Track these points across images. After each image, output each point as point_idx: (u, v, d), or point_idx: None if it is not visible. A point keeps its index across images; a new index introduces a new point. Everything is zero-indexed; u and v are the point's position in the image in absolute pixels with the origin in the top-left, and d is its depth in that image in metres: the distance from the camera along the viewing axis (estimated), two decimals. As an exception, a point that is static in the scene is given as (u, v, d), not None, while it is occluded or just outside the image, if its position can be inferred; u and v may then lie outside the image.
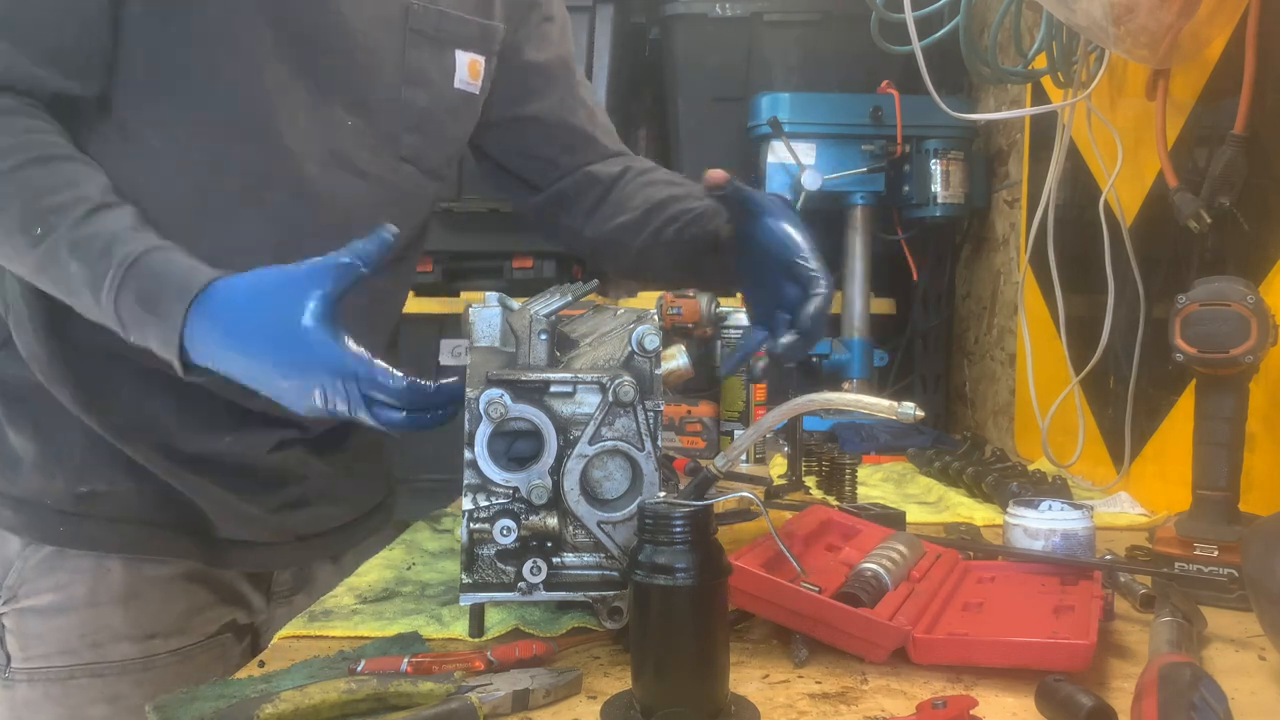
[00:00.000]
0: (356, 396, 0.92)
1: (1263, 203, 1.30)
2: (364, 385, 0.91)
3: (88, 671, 1.17)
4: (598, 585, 0.94)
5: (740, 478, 1.53)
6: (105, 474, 1.16)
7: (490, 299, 0.98)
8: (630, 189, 1.38)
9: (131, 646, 1.18)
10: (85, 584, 1.17)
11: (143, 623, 1.18)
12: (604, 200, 1.39)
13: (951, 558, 1.13)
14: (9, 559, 1.18)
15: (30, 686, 1.17)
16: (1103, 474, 1.70)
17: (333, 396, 0.92)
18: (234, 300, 0.96)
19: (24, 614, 1.17)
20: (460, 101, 1.29)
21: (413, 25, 1.22)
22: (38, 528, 1.17)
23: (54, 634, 1.17)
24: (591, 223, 1.40)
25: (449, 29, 1.25)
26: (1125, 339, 1.62)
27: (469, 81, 1.29)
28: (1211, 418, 1.11)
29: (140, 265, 0.97)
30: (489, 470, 0.91)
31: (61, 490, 1.16)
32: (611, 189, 1.39)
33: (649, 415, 0.94)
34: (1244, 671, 0.90)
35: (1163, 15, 1.31)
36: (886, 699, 0.83)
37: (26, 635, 1.17)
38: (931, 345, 2.60)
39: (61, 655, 1.16)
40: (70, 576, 1.17)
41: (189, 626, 1.22)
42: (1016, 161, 2.31)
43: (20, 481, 1.16)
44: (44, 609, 1.17)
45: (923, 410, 0.94)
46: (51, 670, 1.17)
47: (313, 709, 0.77)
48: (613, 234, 1.37)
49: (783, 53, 2.52)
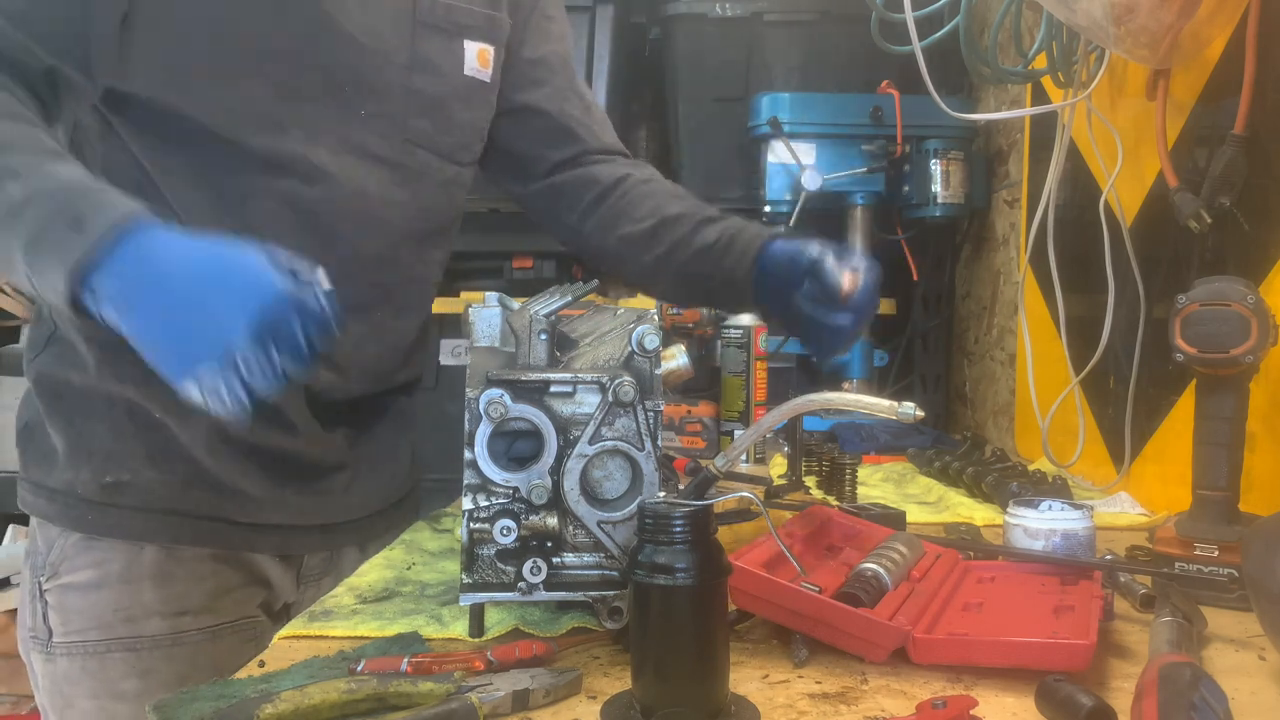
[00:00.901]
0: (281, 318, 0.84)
1: (1263, 203, 1.30)
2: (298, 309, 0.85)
3: (122, 646, 1.21)
4: (598, 585, 0.94)
5: (740, 478, 1.52)
6: (129, 464, 1.20)
7: (490, 299, 0.98)
8: (634, 196, 1.39)
9: (162, 622, 1.22)
10: (120, 561, 1.21)
11: (173, 600, 1.23)
12: (603, 202, 1.40)
13: (951, 558, 1.13)
14: (51, 538, 1.23)
15: (70, 660, 1.22)
16: (1103, 474, 1.70)
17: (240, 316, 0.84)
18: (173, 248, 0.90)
19: (65, 590, 1.22)
20: (471, 88, 1.33)
21: (421, 18, 1.27)
22: (69, 517, 1.22)
23: (91, 609, 1.21)
24: (591, 225, 1.41)
25: (457, 20, 1.30)
26: (1125, 339, 1.62)
27: (479, 69, 1.33)
28: (1211, 418, 1.11)
29: (57, 188, 0.93)
30: (489, 470, 0.91)
31: (89, 481, 1.20)
32: (612, 192, 1.40)
33: (649, 415, 0.94)
34: (1244, 671, 0.90)
35: (1163, 15, 1.31)
36: (886, 699, 0.83)
37: (67, 611, 1.22)
38: (931, 345, 2.60)
39: (98, 630, 1.21)
40: (106, 554, 1.21)
41: (218, 606, 1.26)
42: (1016, 161, 2.31)
43: (55, 473, 1.22)
44: (83, 585, 1.22)
45: (923, 410, 0.94)
46: (88, 644, 1.21)
47: (313, 709, 0.77)
48: (619, 245, 1.38)
49: (783, 53, 2.52)
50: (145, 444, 1.20)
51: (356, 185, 1.22)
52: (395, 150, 1.26)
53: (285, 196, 1.18)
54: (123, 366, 1.16)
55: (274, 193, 1.18)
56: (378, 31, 1.23)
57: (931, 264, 2.55)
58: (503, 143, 1.42)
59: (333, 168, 1.20)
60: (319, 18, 1.18)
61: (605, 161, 1.43)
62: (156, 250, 0.89)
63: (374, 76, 1.23)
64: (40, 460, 1.23)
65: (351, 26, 1.20)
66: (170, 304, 0.87)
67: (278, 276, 0.85)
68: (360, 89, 1.22)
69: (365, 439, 1.34)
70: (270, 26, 1.16)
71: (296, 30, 1.17)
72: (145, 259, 0.89)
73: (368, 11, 1.22)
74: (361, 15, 1.21)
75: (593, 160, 1.43)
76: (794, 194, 2.32)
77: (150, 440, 1.20)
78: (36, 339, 1.25)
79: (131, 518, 1.21)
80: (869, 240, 2.44)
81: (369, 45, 1.22)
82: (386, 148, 1.25)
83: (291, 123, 1.18)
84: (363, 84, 1.22)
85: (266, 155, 1.17)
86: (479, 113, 1.36)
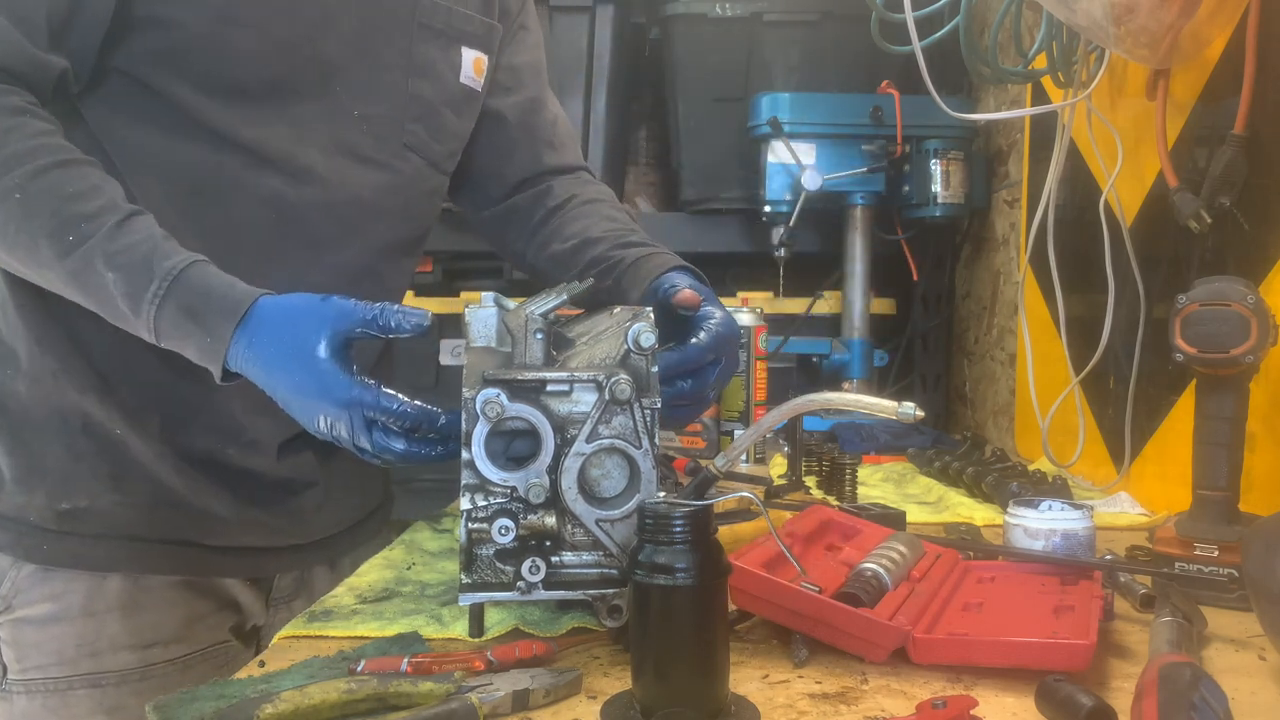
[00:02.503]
0: (359, 423, 0.95)
1: (1263, 203, 1.30)
2: (368, 410, 0.95)
3: (86, 682, 1.16)
4: (597, 583, 0.94)
5: (740, 478, 1.52)
6: (87, 488, 1.15)
7: (486, 299, 0.98)
8: (570, 216, 1.37)
9: (131, 655, 1.17)
10: (81, 593, 1.16)
11: (143, 631, 1.18)
12: (546, 223, 1.38)
13: (951, 558, 1.12)
14: (1, 569, 1.17)
15: (29, 698, 1.16)
16: (1103, 474, 1.70)
17: (334, 423, 0.96)
18: (267, 320, 1.00)
19: (19, 624, 1.16)
20: (464, 97, 1.31)
21: (421, 20, 1.24)
22: (21, 546, 1.15)
23: (50, 644, 1.16)
24: (532, 246, 1.39)
25: (457, 25, 1.28)
26: (1125, 339, 1.62)
27: (473, 77, 1.31)
28: (1211, 418, 1.11)
29: (184, 279, 1.00)
30: (486, 470, 0.91)
31: (43, 506, 1.14)
32: (555, 214, 1.38)
33: (646, 413, 0.93)
34: (1244, 671, 0.90)
35: (1163, 15, 1.31)
36: (886, 699, 0.83)
37: (23, 646, 1.16)
38: (931, 345, 2.60)
39: (58, 666, 1.16)
40: (65, 586, 1.16)
41: (189, 635, 1.21)
42: (1016, 161, 2.31)
43: (2, 498, 1.15)
44: (40, 619, 1.16)
45: (923, 410, 0.94)
46: (49, 681, 1.16)
47: (313, 709, 0.77)
48: (546, 263, 1.36)
49: (783, 53, 2.52)
50: (104, 463, 1.15)
51: (350, 191, 1.20)
52: (389, 154, 1.24)
53: (269, 198, 1.15)
54: (82, 374, 1.13)
55: (257, 193, 1.15)
56: (377, 32, 1.21)
57: (931, 264, 2.55)
58: (467, 157, 1.38)
59: (323, 169, 1.18)
60: (320, 13, 1.16)
61: (562, 178, 1.41)
62: (261, 333, 0.99)
63: (369, 77, 1.21)
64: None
65: (350, 24, 1.18)
66: (275, 384, 0.99)
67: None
68: (353, 89, 1.20)
69: (337, 454, 1.26)
70: (271, 13, 1.13)
71: (296, 22, 1.14)
72: (256, 345, 0.99)
73: (369, 12, 1.20)
74: (362, 16, 1.19)
75: (551, 177, 1.41)
76: (794, 194, 2.32)
77: (109, 460, 1.15)
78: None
79: (93, 546, 1.15)
80: (869, 240, 2.45)
81: (368, 47, 1.20)
82: (380, 150, 1.23)
83: (280, 118, 1.15)
84: (357, 86, 1.20)
85: (252, 148, 1.14)
86: (467, 123, 1.34)
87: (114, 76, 1.11)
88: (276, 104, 1.15)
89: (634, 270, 1.23)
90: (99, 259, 1.00)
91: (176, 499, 1.17)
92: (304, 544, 1.30)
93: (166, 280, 1.00)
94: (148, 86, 1.11)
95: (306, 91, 1.17)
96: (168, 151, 1.13)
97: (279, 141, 1.15)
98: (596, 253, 1.30)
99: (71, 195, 1.02)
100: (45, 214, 1.01)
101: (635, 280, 1.22)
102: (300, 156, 1.17)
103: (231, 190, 1.15)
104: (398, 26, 1.23)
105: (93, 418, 1.14)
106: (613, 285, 1.24)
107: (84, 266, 1.01)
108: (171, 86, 1.11)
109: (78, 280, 1.02)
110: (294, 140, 1.16)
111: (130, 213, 1.03)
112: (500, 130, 1.39)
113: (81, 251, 1.00)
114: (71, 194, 1.02)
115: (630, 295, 1.21)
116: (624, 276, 1.23)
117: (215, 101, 1.12)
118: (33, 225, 1.01)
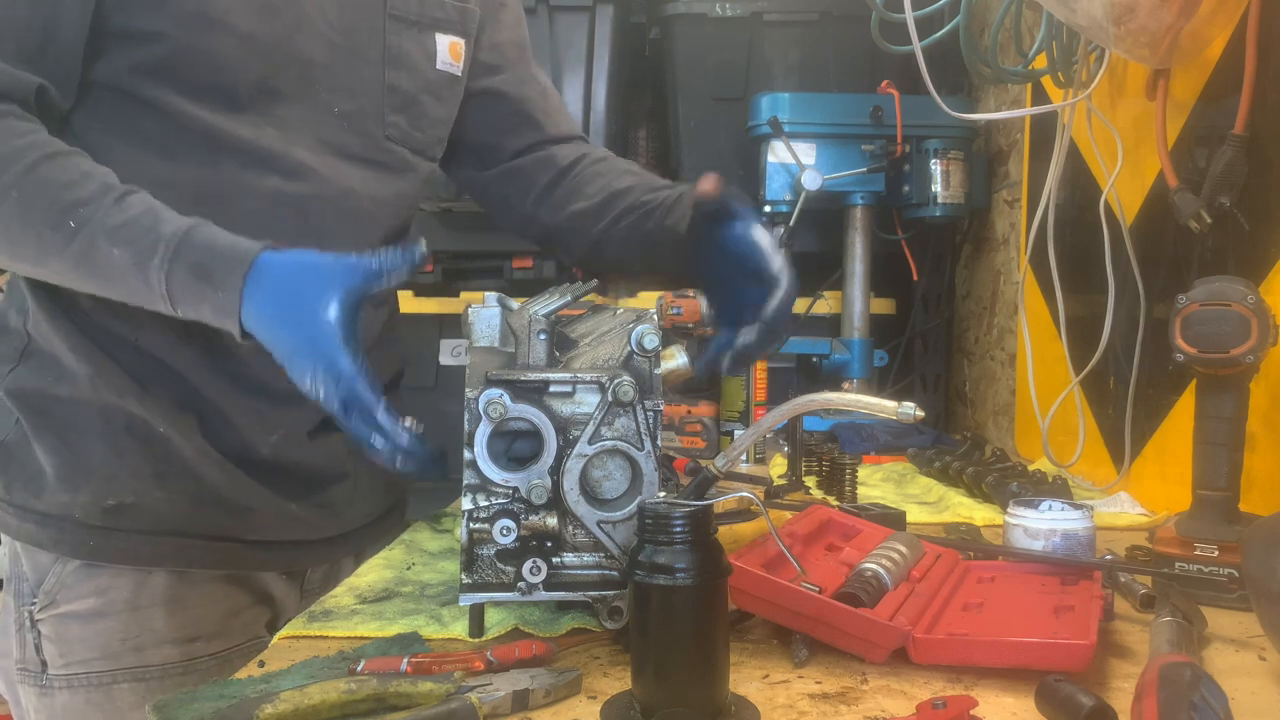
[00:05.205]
0: (334, 395, 0.93)
1: (1263, 203, 1.30)
2: (342, 389, 0.93)
3: (129, 676, 1.17)
4: (597, 585, 0.94)
5: (740, 478, 1.52)
6: (132, 485, 1.16)
7: (489, 299, 0.98)
8: (587, 175, 1.39)
9: (174, 650, 1.19)
10: (127, 588, 1.17)
11: (186, 626, 1.20)
12: (558, 185, 1.40)
13: (951, 558, 1.13)
14: (44, 565, 1.18)
15: (71, 693, 1.17)
16: (1103, 474, 1.70)
17: (317, 385, 0.94)
18: (275, 274, 0.99)
19: (64, 619, 1.17)
20: (443, 83, 1.32)
21: (392, 11, 1.25)
22: (66, 543, 1.16)
23: (96, 638, 1.17)
24: (545, 207, 1.40)
25: (429, 13, 1.29)
26: (1125, 339, 1.62)
27: (450, 63, 1.32)
28: (1211, 418, 1.11)
29: (190, 239, 1.00)
30: (488, 470, 0.91)
31: (88, 503, 1.15)
32: (567, 174, 1.40)
33: (648, 415, 0.94)
34: (1244, 671, 0.90)
35: (1163, 15, 1.31)
36: (886, 699, 0.83)
37: (67, 640, 1.17)
38: (931, 345, 2.60)
39: (103, 660, 1.17)
40: (111, 581, 1.17)
41: (228, 629, 1.24)
42: (1016, 161, 2.31)
43: (46, 496, 1.16)
44: (85, 613, 1.17)
45: (923, 410, 0.94)
46: (93, 675, 1.17)
47: (313, 709, 0.77)
48: (569, 221, 1.38)
49: (783, 53, 2.52)
50: (148, 461, 1.16)
51: (343, 184, 1.21)
52: (373, 149, 1.25)
53: (269, 195, 1.16)
54: (118, 378, 1.14)
55: (258, 192, 1.16)
56: (351, 28, 1.22)
57: (931, 264, 2.55)
58: (462, 132, 1.40)
59: (315, 165, 1.19)
60: (295, 12, 1.16)
61: (562, 145, 1.43)
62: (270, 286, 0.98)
63: (347, 74, 1.22)
64: (25, 483, 1.16)
65: (326, 24, 1.19)
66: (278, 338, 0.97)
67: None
68: (333, 88, 1.20)
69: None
70: (247, 14, 1.13)
71: (274, 22, 1.15)
72: (264, 298, 0.98)
73: (343, 8, 1.20)
74: (337, 12, 1.20)
75: (551, 144, 1.43)
76: (794, 194, 2.32)
77: (153, 457, 1.16)
78: (6, 352, 1.19)
79: (138, 542, 1.16)
80: (869, 240, 2.45)
81: (343, 43, 1.20)
82: (364, 146, 1.24)
83: (268, 120, 1.16)
84: (336, 83, 1.21)
85: (247, 149, 1.14)
86: (450, 107, 1.35)
87: (102, 92, 1.12)
88: (263, 106, 1.16)
89: (678, 205, 1.25)
90: (102, 238, 1.00)
91: (218, 495, 1.19)
92: (334, 536, 1.32)
93: (172, 244, 0.99)
94: (136, 99, 1.12)
95: (290, 92, 1.17)
96: (165, 163, 1.13)
97: (270, 141, 1.16)
98: (629, 201, 1.31)
99: (66, 184, 1.02)
100: (44, 206, 1.02)
101: (680, 214, 1.23)
102: (292, 155, 1.18)
103: (232, 191, 1.15)
104: (371, 20, 1.24)
105: (135, 417, 1.15)
106: (654, 227, 1.26)
107: (89, 248, 1.01)
108: (160, 96, 1.11)
109: (86, 263, 1.02)
110: (284, 141, 1.17)
111: (126, 191, 1.04)
112: (497, 106, 1.41)
113: (85, 234, 1.01)
114: (65, 183, 1.03)
115: (680, 227, 1.22)
116: (668, 214, 1.25)
117: (205, 107, 1.13)
118: (34, 219, 1.02)
